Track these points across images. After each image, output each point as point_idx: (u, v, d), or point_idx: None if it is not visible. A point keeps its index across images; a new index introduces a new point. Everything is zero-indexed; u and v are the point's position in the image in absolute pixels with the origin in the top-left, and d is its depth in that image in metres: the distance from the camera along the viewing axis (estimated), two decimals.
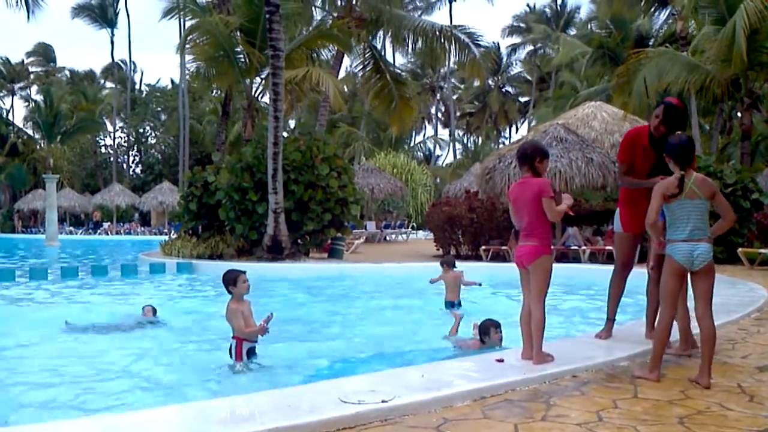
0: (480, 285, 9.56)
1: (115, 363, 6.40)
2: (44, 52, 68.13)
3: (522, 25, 63.89)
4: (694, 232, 4.64)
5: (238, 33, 22.45)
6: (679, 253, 4.64)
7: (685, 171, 4.66)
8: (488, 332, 6.60)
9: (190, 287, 13.57)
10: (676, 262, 4.66)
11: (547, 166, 5.30)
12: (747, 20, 18.57)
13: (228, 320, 5.92)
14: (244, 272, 6.02)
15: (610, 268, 6.20)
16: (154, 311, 8.80)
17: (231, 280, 5.94)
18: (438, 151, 69.10)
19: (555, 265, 5.10)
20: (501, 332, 6.59)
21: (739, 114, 27.90)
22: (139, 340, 7.49)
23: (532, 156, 5.10)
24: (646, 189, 5.02)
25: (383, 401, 3.81)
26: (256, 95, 24.38)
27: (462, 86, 69.43)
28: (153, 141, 59.32)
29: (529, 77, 67.04)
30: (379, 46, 29.84)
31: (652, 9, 36.46)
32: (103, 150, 62.20)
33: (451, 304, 9.32)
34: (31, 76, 69.07)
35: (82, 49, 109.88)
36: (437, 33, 26.28)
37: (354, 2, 26.56)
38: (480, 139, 70.74)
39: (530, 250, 4.97)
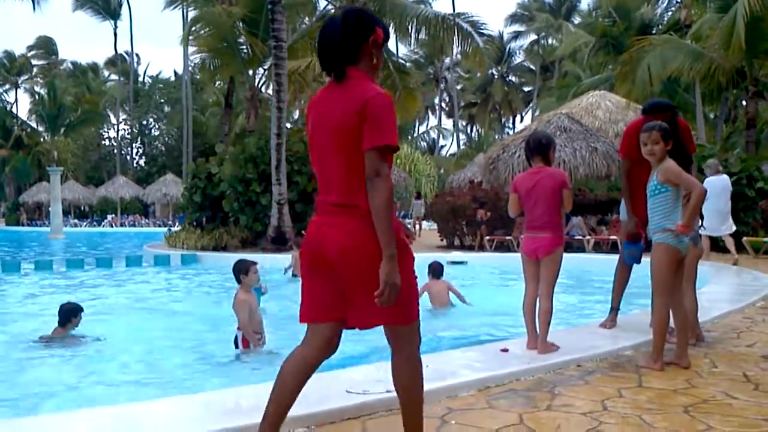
0: None
1: (118, 353, 6.42)
2: (46, 46, 68.03)
3: (525, 13, 63.59)
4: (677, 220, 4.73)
5: (241, 24, 22.41)
6: (683, 241, 4.64)
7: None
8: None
9: (194, 278, 13.59)
10: (679, 251, 4.64)
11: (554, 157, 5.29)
12: (748, 8, 18.45)
13: (234, 310, 5.94)
14: (256, 263, 6.07)
15: (615, 257, 6.19)
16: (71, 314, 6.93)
17: (243, 269, 5.99)
18: (442, 141, 69.03)
19: None
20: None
21: (744, 102, 27.76)
22: (141, 332, 7.50)
23: (547, 145, 5.09)
24: (647, 174, 4.89)
25: (388, 391, 3.81)
26: (259, 86, 24.39)
27: (467, 75, 69.13)
28: (156, 133, 59.36)
29: (532, 67, 66.76)
30: None
31: None
32: (106, 142, 62.28)
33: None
34: (35, 69, 69.02)
35: (86, 41, 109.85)
36: (440, 22, 26.18)
37: None
38: (483, 129, 70.58)
39: (547, 242, 4.92)
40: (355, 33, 2.75)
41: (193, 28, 23.77)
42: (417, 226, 27.20)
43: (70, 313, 6.84)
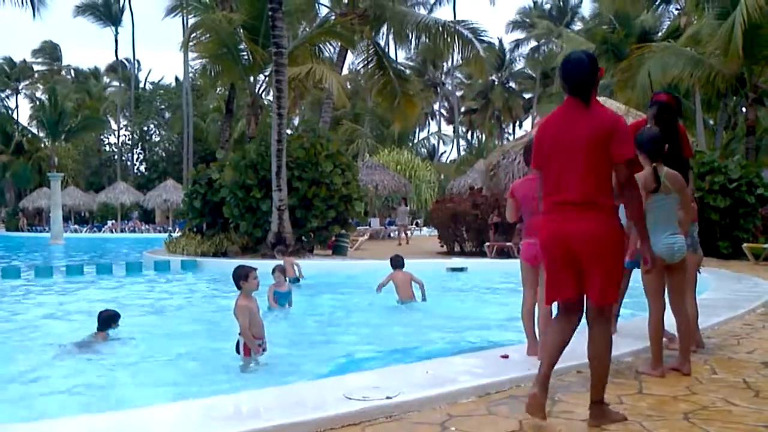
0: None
1: (118, 359, 6.42)
2: (50, 51, 68.22)
3: (526, 20, 63.71)
4: (672, 226, 4.72)
5: (242, 30, 22.45)
6: (663, 247, 4.66)
7: (657, 164, 4.68)
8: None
9: (194, 284, 13.58)
10: (659, 257, 4.66)
11: None
12: (746, 15, 18.50)
13: (235, 316, 5.94)
14: (255, 269, 6.09)
15: None
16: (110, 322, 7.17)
17: (242, 275, 6.00)
18: (442, 147, 69.11)
19: None
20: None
21: (743, 109, 27.81)
22: (142, 337, 7.49)
23: None
24: None
25: (388, 398, 3.81)
26: (259, 92, 24.41)
27: (467, 81, 69.16)
28: (157, 139, 59.40)
29: (532, 73, 66.82)
30: (382, 43, 29.84)
31: (656, 4, 36.37)
32: (107, 148, 62.30)
33: (292, 280, 11.53)
34: (36, 75, 69.15)
35: (87, 48, 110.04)
36: (440, 29, 26.26)
37: None
38: (483, 135, 70.63)
39: None
40: (595, 69, 3.65)
41: (194, 35, 23.81)
42: (403, 234, 26.89)
43: (110, 320, 7.11)
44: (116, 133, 59.75)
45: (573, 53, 3.77)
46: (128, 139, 59.72)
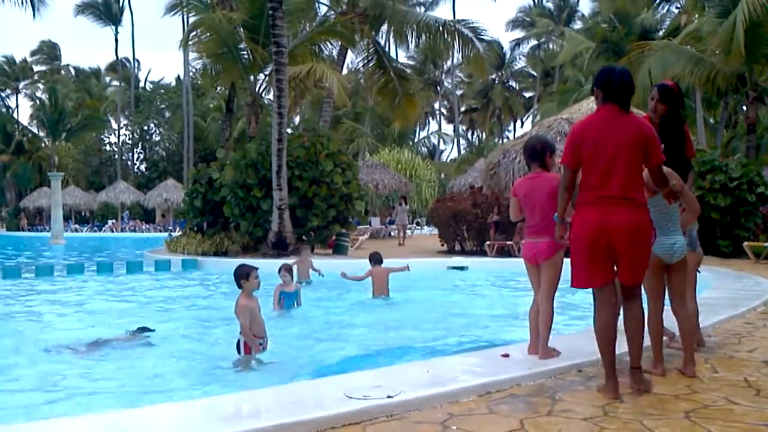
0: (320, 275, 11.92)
1: (118, 358, 6.41)
2: (49, 51, 68.25)
3: (526, 19, 63.69)
4: (672, 226, 4.72)
5: (242, 29, 22.47)
6: (660, 247, 4.66)
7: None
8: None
9: (195, 284, 13.58)
10: (657, 256, 4.67)
11: (555, 161, 5.25)
12: (747, 13, 18.50)
13: (236, 315, 5.95)
14: (257, 269, 6.09)
15: None
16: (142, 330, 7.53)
17: (243, 274, 6.01)
18: (442, 146, 69.14)
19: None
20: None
21: (744, 107, 27.80)
22: (141, 338, 7.49)
23: (542, 151, 5.08)
24: None
25: (388, 397, 3.81)
26: (259, 92, 24.43)
27: (468, 80, 69.12)
28: (157, 138, 59.45)
29: (533, 72, 66.82)
30: (382, 42, 29.82)
31: (656, 3, 36.35)
32: (107, 147, 62.36)
33: (304, 282, 11.48)
34: (36, 75, 69.18)
35: (87, 47, 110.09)
36: (440, 28, 26.25)
37: None
38: (484, 134, 70.64)
39: (546, 247, 4.87)
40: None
41: (194, 33, 23.81)
42: (401, 233, 26.76)
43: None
44: (116, 132, 59.85)
45: (614, 66, 4.25)
46: (128, 139, 59.76)
